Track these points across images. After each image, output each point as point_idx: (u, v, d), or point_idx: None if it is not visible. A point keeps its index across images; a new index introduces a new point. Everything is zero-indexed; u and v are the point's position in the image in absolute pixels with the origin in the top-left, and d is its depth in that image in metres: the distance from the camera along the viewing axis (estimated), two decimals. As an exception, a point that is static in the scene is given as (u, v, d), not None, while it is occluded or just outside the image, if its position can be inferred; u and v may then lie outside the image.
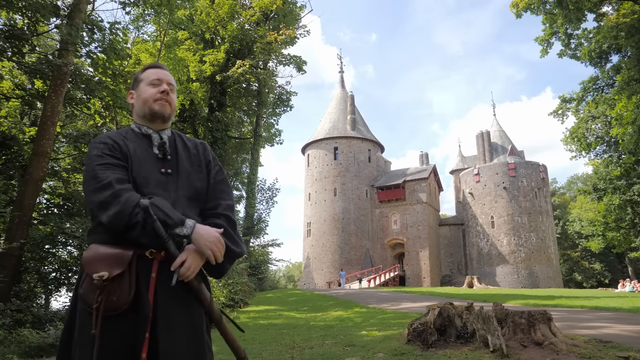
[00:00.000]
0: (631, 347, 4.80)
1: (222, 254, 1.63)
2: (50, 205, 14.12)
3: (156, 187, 1.70)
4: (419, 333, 5.34)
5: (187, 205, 1.74)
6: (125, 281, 1.53)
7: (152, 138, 1.83)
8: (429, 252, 43.93)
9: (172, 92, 1.90)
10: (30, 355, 6.92)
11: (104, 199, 1.57)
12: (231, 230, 1.75)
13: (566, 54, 20.88)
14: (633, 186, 26.95)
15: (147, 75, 1.89)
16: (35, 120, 17.00)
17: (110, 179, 1.60)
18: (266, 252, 33.36)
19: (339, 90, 54.20)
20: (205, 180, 1.85)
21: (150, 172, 1.73)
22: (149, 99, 1.84)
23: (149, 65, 1.97)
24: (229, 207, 1.83)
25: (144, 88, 1.87)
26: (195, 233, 1.58)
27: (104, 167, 1.64)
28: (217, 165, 1.94)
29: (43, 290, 13.56)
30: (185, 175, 1.79)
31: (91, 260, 1.56)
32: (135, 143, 1.78)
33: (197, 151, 1.91)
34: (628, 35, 18.27)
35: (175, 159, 1.81)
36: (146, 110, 1.84)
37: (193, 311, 1.65)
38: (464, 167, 53.37)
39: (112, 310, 1.51)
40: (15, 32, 10.61)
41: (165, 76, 1.89)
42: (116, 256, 1.55)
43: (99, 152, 1.69)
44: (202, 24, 23.40)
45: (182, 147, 1.88)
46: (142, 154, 1.75)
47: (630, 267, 53.03)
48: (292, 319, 10.82)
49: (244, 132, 30.93)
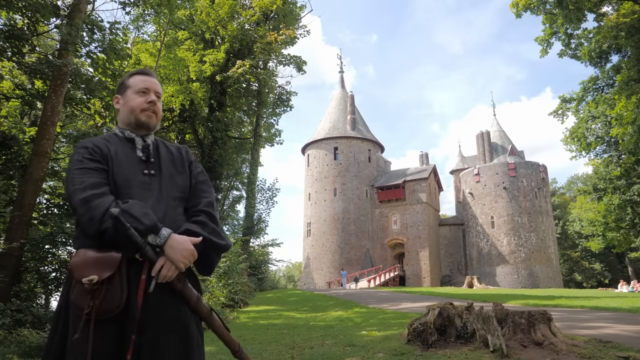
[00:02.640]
0: (631, 347, 4.80)
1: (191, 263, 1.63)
2: (50, 205, 14.10)
3: (138, 188, 1.72)
4: (419, 333, 5.34)
5: (172, 205, 1.77)
6: (116, 284, 1.53)
7: (136, 141, 1.85)
8: (429, 252, 43.93)
9: (159, 101, 1.93)
10: (30, 355, 6.91)
11: (77, 204, 1.59)
12: (213, 225, 1.77)
13: (566, 54, 20.88)
14: (633, 186, 26.95)
15: (134, 82, 1.90)
16: (35, 120, 17.00)
17: (85, 184, 1.62)
18: (266, 252, 33.38)
19: (339, 90, 54.20)
20: (188, 180, 1.90)
21: (133, 173, 1.75)
22: (135, 109, 1.86)
23: (137, 71, 1.97)
24: (209, 204, 1.86)
25: (131, 96, 1.88)
26: (168, 245, 1.57)
27: (82, 172, 1.66)
28: (198, 167, 1.99)
29: (43, 290, 13.56)
30: (168, 175, 1.83)
31: (79, 265, 1.55)
32: (118, 146, 1.81)
33: (179, 154, 1.96)
34: (628, 35, 18.27)
35: (158, 161, 1.85)
36: (132, 120, 1.87)
37: (184, 312, 1.66)
38: (464, 167, 53.36)
39: (104, 314, 1.50)
40: (15, 32, 10.61)
41: (153, 85, 1.91)
42: (105, 259, 1.55)
43: (79, 156, 1.71)
44: (202, 24, 23.40)
45: (164, 150, 1.92)
46: (124, 157, 1.78)
47: (630, 267, 53.03)
48: (292, 319, 10.82)
49: (244, 132, 30.92)
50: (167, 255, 1.57)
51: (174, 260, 1.57)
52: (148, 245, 1.55)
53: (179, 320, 1.64)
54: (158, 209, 1.70)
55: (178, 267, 1.57)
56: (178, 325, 1.63)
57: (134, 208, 1.58)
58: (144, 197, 1.70)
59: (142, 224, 1.54)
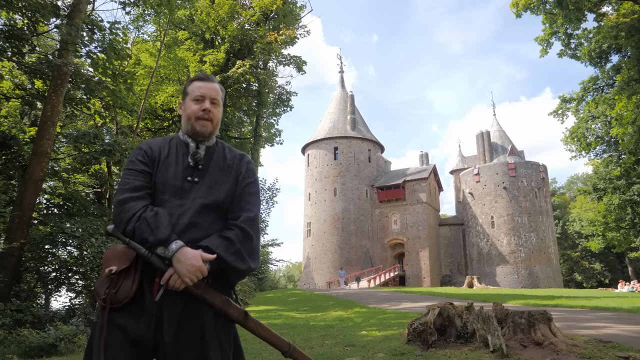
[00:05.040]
0: (631, 347, 4.80)
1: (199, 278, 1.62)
2: (50, 205, 14.10)
3: (173, 195, 1.76)
4: (419, 333, 5.34)
5: (203, 214, 1.75)
6: (129, 276, 1.63)
7: (190, 147, 1.88)
8: (429, 252, 43.93)
9: (217, 107, 1.93)
10: (30, 355, 6.92)
11: (115, 203, 1.74)
12: (240, 244, 1.71)
13: (566, 54, 20.88)
14: (633, 186, 26.93)
15: (192, 90, 1.92)
16: (35, 120, 17.00)
17: (127, 186, 1.74)
18: (266, 252, 33.40)
19: (339, 91, 54.20)
20: (232, 191, 1.85)
21: (174, 179, 1.79)
22: (191, 117, 1.88)
23: (196, 77, 1.98)
24: (248, 220, 1.79)
25: (188, 103, 1.91)
26: (175, 258, 1.59)
27: (129, 173, 1.78)
28: (251, 177, 1.92)
29: (43, 290, 13.58)
30: (211, 184, 1.82)
31: (108, 257, 1.68)
32: (173, 149, 1.87)
33: (232, 162, 1.92)
34: (628, 35, 18.27)
35: (207, 169, 1.85)
36: (189, 128, 1.90)
37: (201, 313, 1.66)
38: (464, 167, 53.35)
39: (115, 302, 1.59)
40: (15, 32, 10.61)
41: (209, 91, 1.92)
42: (126, 252, 1.66)
43: (134, 157, 1.83)
44: (202, 24, 23.40)
45: (219, 157, 1.91)
46: (174, 161, 1.83)
47: (630, 267, 53.03)
48: (292, 319, 10.82)
49: (244, 132, 30.92)
50: (174, 268, 1.59)
51: (180, 273, 1.58)
52: (154, 256, 1.62)
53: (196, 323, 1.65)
54: (185, 217, 1.71)
55: (184, 281, 1.58)
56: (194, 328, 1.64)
57: (152, 220, 1.65)
58: (176, 204, 1.73)
59: (152, 235, 1.61)
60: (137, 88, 15.86)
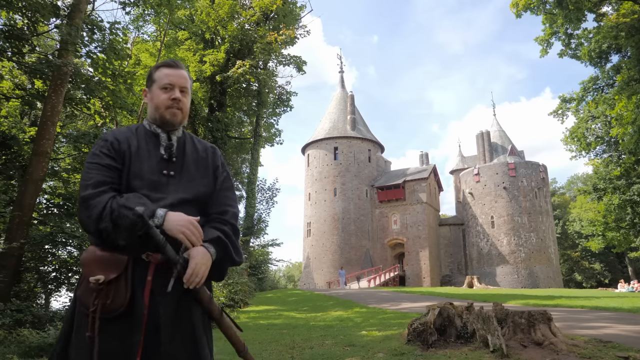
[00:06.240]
0: (631, 347, 4.80)
1: (198, 237, 1.60)
2: (50, 205, 14.09)
3: (150, 190, 1.68)
4: (419, 333, 5.34)
5: (183, 208, 1.68)
6: (121, 284, 1.53)
7: (160, 138, 1.80)
8: (429, 252, 43.93)
9: (186, 95, 1.85)
10: (30, 355, 6.91)
11: (79, 201, 1.62)
12: (235, 239, 1.77)
13: (566, 54, 20.89)
14: (633, 186, 26.92)
15: (159, 77, 1.83)
16: (35, 120, 17.00)
17: (90, 181, 1.62)
18: (266, 252, 33.36)
19: (339, 90, 54.20)
20: (211, 186, 1.83)
21: (150, 173, 1.71)
22: (160, 106, 1.80)
23: (162, 63, 1.88)
24: (234, 216, 1.83)
25: (156, 92, 1.82)
26: (167, 221, 1.56)
27: (92, 167, 1.66)
28: (225, 171, 1.92)
29: (43, 290, 13.56)
30: (188, 178, 1.77)
31: (88, 262, 1.57)
32: (142, 141, 1.77)
33: (205, 155, 1.89)
34: (628, 35, 18.27)
35: (181, 162, 1.80)
36: (157, 117, 1.82)
37: (191, 311, 1.64)
38: (464, 167, 53.35)
39: (108, 313, 1.51)
40: (15, 32, 10.60)
41: (178, 79, 1.82)
42: (112, 260, 1.56)
43: (97, 149, 1.71)
44: (202, 24, 23.39)
45: (191, 149, 1.85)
46: (146, 154, 1.74)
47: (630, 267, 53.03)
48: (292, 319, 10.82)
49: (244, 132, 30.93)
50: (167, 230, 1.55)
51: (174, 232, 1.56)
52: (168, 245, 1.54)
53: (191, 322, 1.63)
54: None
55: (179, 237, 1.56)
56: (189, 327, 1.62)
57: (130, 200, 1.57)
58: (155, 199, 1.66)
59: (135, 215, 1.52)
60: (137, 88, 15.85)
